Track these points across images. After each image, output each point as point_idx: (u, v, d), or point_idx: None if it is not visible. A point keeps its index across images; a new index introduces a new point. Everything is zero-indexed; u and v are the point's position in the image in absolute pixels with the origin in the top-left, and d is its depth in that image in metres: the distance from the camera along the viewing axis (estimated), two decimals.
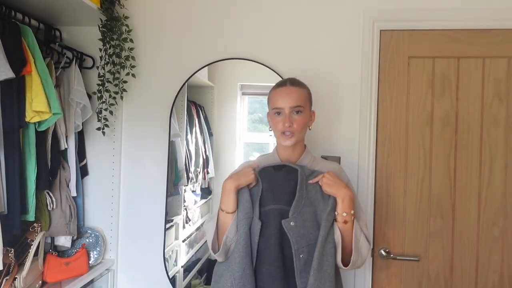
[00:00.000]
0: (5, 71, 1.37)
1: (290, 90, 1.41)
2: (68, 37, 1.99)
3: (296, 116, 1.40)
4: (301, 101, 1.41)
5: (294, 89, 1.42)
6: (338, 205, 1.35)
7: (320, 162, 1.52)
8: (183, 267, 2.06)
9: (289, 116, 1.40)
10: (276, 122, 1.42)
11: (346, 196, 1.34)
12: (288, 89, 1.42)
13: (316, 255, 1.30)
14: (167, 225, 1.99)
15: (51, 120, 1.60)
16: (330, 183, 1.36)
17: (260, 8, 1.95)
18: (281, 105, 1.41)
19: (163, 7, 2.02)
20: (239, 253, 1.34)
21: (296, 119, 1.40)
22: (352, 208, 1.35)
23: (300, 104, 1.41)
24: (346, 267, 1.36)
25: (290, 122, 1.39)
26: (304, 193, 1.38)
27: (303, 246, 1.33)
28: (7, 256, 1.50)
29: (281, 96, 1.41)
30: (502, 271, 1.81)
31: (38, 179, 1.62)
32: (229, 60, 1.96)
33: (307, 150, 1.52)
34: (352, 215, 1.35)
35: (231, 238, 1.38)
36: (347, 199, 1.34)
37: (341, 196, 1.34)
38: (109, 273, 2.00)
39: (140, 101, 2.04)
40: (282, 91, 1.43)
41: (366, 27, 1.86)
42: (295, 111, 1.40)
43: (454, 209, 1.84)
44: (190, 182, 2.05)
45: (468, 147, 1.83)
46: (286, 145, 1.44)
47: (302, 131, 1.44)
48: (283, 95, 1.41)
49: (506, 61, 1.81)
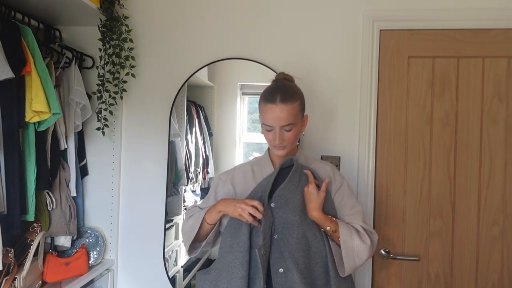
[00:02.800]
0: (4, 71, 1.37)
1: (280, 110, 1.33)
2: (68, 37, 1.99)
3: (287, 133, 1.37)
4: (292, 119, 1.35)
5: (283, 107, 1.33)
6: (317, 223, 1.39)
7: (313, 162, 1.52)
8: (183, 267, 2.06)
9: (279, 133, 1.36)
10: (267, 135, 1.41)
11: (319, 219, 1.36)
12: (277, 108, 1.33)
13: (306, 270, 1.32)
14: (167, 225, 1.99)
15: (51, 120, 1.60)
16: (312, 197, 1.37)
17: (260, 8, 1.95)
18: (271, 123, 1.36)
19: (163, 7, 2.02)
20: None
21: (287, 135, 1.38)
22: (327, 224, 1.36)
23: (291, 122, 1.35)
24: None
25: (281, 139, 1.36)
26: (295, 180, 1.39)
27: (279, 228, 1.35)
28: (7, 256, 1.50)
29: (271, 115, 1.35)
30: (502, 271, 1.81)
31: (38, 179, 1.62)
32: (229, 60, 1.96)
33: (300, 149, 1.52)
34: (334, 224, 1.36)
35: (208, 242, 1.47)
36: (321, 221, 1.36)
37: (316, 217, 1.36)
38: (109, 273, 2.00)
39: (140, 101, 2.04)
40: (272, 110, 1.34)
41: (366, 27, 1.86)
42: (285, 129, 1.37)
43: (454, 209, 1.84)
44: (190, 182, 2.05)
45: (468, 147, 1.83)
46: (279, 155, 1.44)
47: (294, 142, 1.42)
48: (273, 114, 1.34)
49: (506, 61, 1.81)
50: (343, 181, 1.48)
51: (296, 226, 1.36)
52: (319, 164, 1.52)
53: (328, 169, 1.49)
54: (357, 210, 1.44)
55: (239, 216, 1.33)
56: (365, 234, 1.38)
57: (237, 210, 1.33)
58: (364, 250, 1.36)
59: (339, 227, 1.36)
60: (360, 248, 1.35)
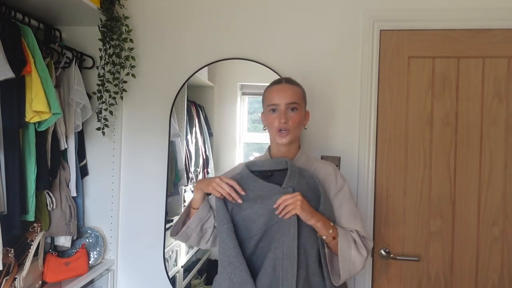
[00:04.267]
0: (5, 71, 1.37)
1: (285, 88, 1.43)
2: (68, 37, 1.99)
3: (291, 113, 1.41)
4: (297, 98, 1.43)
5: (289, 87, 1.44)
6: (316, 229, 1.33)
7: (315, 162, 1.51)
8: (183, 267, 2.06)
9: (284, 112, 1.40)
10: (272, 119, 1.43)
11: (319, 220, 1.31)
12: (284, 86, 1.44)
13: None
14: (167, 225, 1.99)
15: (51, 120, 1.60)
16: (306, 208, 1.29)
17: (260, 8, 1.95)
18: (276, 101, 1.42)
19: (163, 7, 2.02)
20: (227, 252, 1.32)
21: (292, 116, 1.41)
22: (329, 227, 1.32)
23: (296, 101, 1.42)
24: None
25: (285, 118, 1.39)
26: (296, 172, 1.37)
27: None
28: (7, 256, 1.50)
29: (277, 93, 1.43)
30: (502, 271, 1.81)
31: (38, 179, 1.62)
32: (229, 60, 1.96)
33: (302, 149, 1.52)
34: (334, 229, 1.33)
35: (191, 228, 1.43)
36: (321, 223, 1.31)
37: (314, 222, 1.30)
38: (109, 273, 2.00)
39: (140, 101, 2.04)
40: (278, 88, 1.44)
41: (366, 27, 1.86)
42: (290, 108, 1.41)
43: (454, 209, 1.84)
44: (190, 182, 2.06)
45: (468, 147, 1.83)
46: (281, 143, 1.43)
47: (297, 129, 1.43)
48: (278, 92, 1.43)
49: (506, 61, 1.81)
50: (344, 184, 1.45)
51: None
52: (321, 164, 1.50)
53: (330, 170, 1.47)
54: (356, 215, 1.41)
55: (213, 190, 1.35)
56: (362, 245, 1.35)
57: (211, 184, 1.36)
58: (359, 261, 1.34)
59: (338, 235, 1.33)
60: (356, 259, 1.33)
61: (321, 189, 1.38)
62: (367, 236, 1.39)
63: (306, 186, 1.37)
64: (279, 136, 1.42)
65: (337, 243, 1.33)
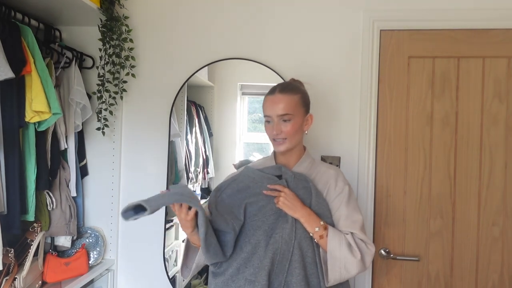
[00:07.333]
0: (5, 71, 1.37)
1: (277, 99, 1.39)
2: (68, 37, 1.99)
3: (284, 124, 1.39)
4: (289, 109, 1.38)
5: (282, 97, 1.39)
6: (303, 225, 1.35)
7: (319, 165, 1.50)
8: None
9: (277, 124, 1.39)
10: (267, 128, 1.44)
11: (303, 216, 1.33)
12: (275, 97, 1.40)
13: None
14: (167, 225, 1.99)
15: (51, 120, 1.60)
16: (287, 203, 1.34)
17: (260, 8, 1.95)
18: (269, 113, 1.41)
19: (163, 7, 2.02)
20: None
21: (286, 128, 1.39)
22: (316, 224, 1.33)
23: (288, 112, 1.38)
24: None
25: (278, 130, 1.39)
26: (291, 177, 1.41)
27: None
28: (7, 256, 1.51)
29: (269, 104, 1.41)
30: (502, 271, 1.81)
31: (38, 179, 1.62)
32: (229, 60, 1.96)
33: (307, 153, 1.50)
34: (322, 227, 1.33)
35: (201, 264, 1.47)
36: (305, 218, 1.33)
37: (298, 217, 1.34)
38: (109, 273, 2.00)
39: (140, 101, 2.04)
40: (270, 99, 1.42)
41: (366, 27, 1.86)
42: (282, 120, 1.39)
43: (454, 209, 1.84)
44: (190, 182, 2.05)
45: (468, 147, 1.83)
46: (278, 151, 1.44)
47: (295, 137, 1.42)
48: (271, 103, 1.41)
49: (506, 61, 1.81)
50: (345, 187, 1.43)
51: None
52: (323, 168, 1.49)
53: (332, 173, 1.46)
54: (355, 219, 1.38)
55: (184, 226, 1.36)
56: (356, 248, 1.32)
57: (182, 227, 1.39)
58: (352, 264, 1.31)
59: (328, 233, 1.32)
60: (348, 261, 1.30)
61: (314, 190, 1.39)
62: (365, 240, 1.36)
63: (302, 190, 1.40)
64: (275, 144, 1.43)
65: (326, 242, 1.32)
